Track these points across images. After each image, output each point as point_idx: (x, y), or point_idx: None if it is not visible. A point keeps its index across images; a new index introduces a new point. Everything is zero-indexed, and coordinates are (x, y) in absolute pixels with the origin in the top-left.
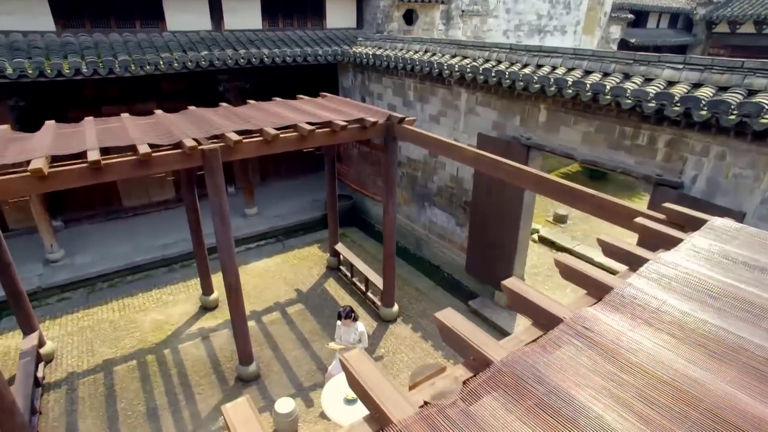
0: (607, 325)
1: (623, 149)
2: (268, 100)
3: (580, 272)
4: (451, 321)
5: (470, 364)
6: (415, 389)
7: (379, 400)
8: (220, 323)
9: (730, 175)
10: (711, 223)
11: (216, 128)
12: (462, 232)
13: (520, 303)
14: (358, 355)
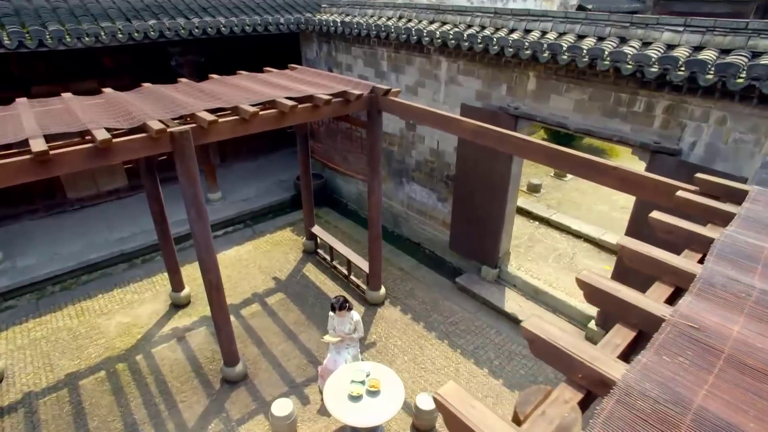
0: (716, 323)
1: (619, 117)
2: (232, 75)
3: (650, 257)
4: (546, 332)
5: (577, 383)
6: (526, 423)
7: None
8: (195, 321)
9: (730, 140)
10: (755, 193)
11: (183, 107)
12: (444, 207)
13: (601, 299)
14: (455, 391)
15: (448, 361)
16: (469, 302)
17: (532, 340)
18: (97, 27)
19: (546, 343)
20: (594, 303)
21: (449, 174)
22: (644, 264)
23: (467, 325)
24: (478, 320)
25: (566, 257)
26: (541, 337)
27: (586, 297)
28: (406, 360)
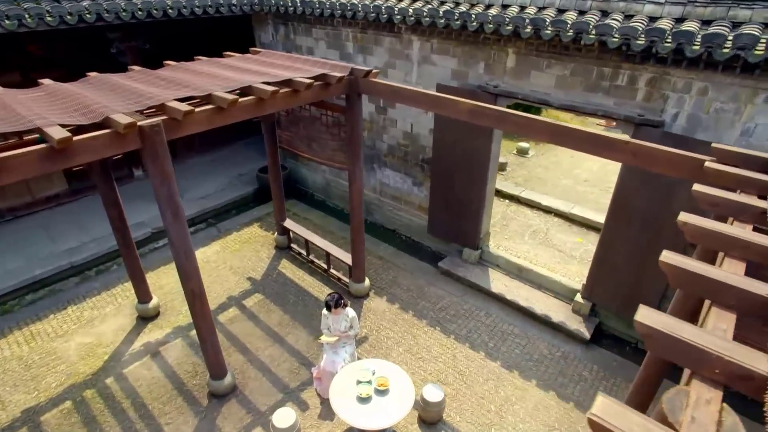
0: None
1: (601, 91)
2: (188, 61)
3: (716, 232)
4: (667, 326)
5: (714, 379)
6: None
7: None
8: (168, 333)
9: (711, 110)
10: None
11: (148, 97)
12: (420, 191)
13: (689, 281)
14: (610, 407)
15: (444, 348)
16: (454, 286)
17: (650, 336)
18: (19, 8)
19: (668, 337)
20: (680, 286)
21: (425, 157)
22: (708, 239)
23: (456, 310)
24: (466, 303)
25: (541, 233)
26: (662, 331)
27: (672, 280)
28: (401, 351)
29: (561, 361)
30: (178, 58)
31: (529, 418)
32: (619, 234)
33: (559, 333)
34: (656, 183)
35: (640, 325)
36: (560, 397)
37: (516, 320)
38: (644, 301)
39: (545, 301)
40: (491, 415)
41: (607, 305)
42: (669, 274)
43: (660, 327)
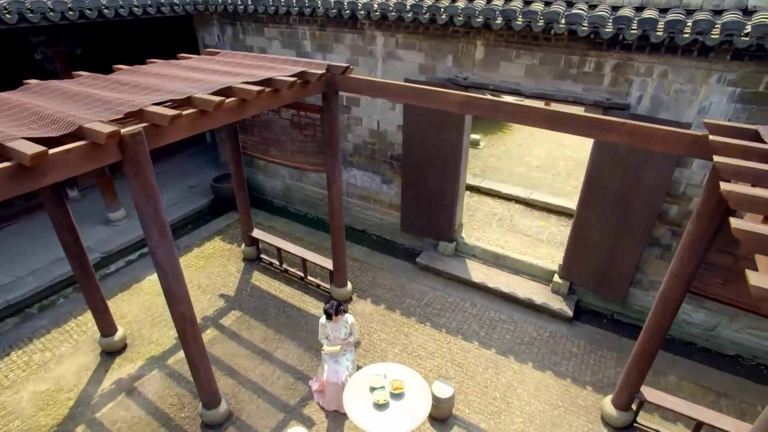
0: None
1: (570, 78)
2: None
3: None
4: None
5: None
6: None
7: None
8: (143, 366)
9: (672, 91)
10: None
11: (117, 104)
12: (390, 189)
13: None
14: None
15: (438, 343)
16: (435, 280)
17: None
18: None
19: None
20: (754, 250)
21: (393, 154)
22: (754, 204)
23: (441, 303)
24: (450, 296)
25: (506, 220)
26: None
27: (745, 245)
28: (396, 352)
29: (550, 341)
30: (112, 63)
31: (533, 400)
32: (593, 214)
33: (543, 314)
34: (626, 164)
35: (757, 289)
36: (557, 375)
37: (500, 307)
38: (618, 277)
39: (525, 284)
40: (497, 402)
41: (584, 283)
42: (742, 239)
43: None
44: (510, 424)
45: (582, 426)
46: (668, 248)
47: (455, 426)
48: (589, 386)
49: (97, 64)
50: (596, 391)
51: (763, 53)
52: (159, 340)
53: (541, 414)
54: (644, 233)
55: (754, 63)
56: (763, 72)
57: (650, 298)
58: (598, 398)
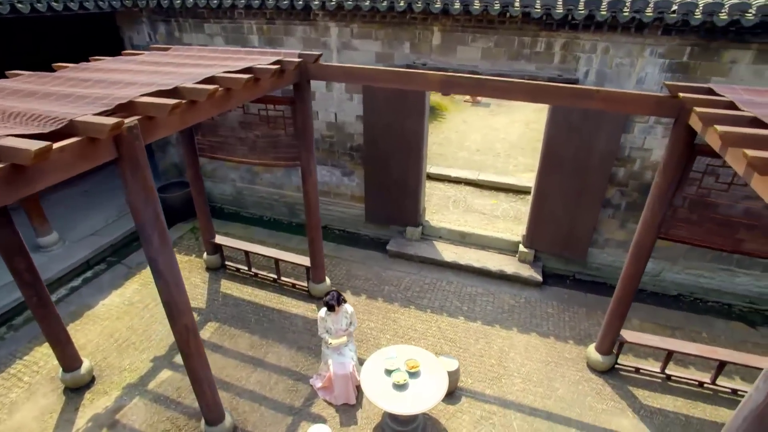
0: None
1: (524, 58)
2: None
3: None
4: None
5: None
6: None
7: None
8: (120, 395)
9: (614, 65)
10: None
11: (94, 98)
12: (351, 181)
13: None
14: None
15: (426, 323)
16: (408, 265)
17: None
18: None
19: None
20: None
21: (353, 145)
22: (743, 141)
23: (420, 286)
24: (426, 278)
25: (461, 202)
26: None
27: (760, 169)
28: (389, 337)
29: (527, 306)
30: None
31: (526, 360)
32: (551, 183)
33: (516, 283)
34: (579, 133)
35: (754, 159)
36: (541, 335)
37: (475, 281)
38: (579, 240)
39: (494, 258)
40: (495, 368)
41: (547, 249)
42: (757, 165)
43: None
44: (511, 385)
45: (573, 375)
46: (618, 207)
47: (463, 397)
48: (570, 340)
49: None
50: (577, 344)
51: (686, 28)
52: (132, 366)
53: (536, 372)
54: (599, 196)
55: (679, 37)
56: (685, 44)
57: (606, 255)
58: (580, 349)
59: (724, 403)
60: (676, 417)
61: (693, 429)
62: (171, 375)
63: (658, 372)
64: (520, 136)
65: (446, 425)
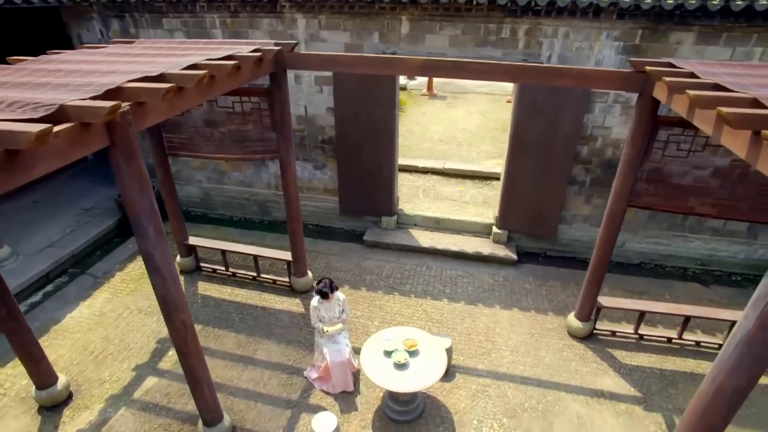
0: None
1: (490, 45)
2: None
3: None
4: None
5: None
6: None
7: None
8: (104, 408)
9: (574, 49)
10: (674, 61)
11: (77, 85)
12: (323, 174)
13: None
14: None
15: (412, 307)
16: (386, 254)
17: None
18: None
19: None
20: (742, 125)
21: (324, 138)
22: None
23: (401, 273)
24: (406, 265)
25: (430, 190)
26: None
27: (735, 124)
28: (377, 324)
29: (506, 284)
30: None
31: (511, 334)
32: (520, 165)
33: (493, 263)
34: (545, 115)
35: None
36: (522, 310)
37: (454, 264)
38: (549, 217)
39: (469, 241)
40: (484, 344)
41: (519, 229)
42: (732, 119)
43: None
44: (501, 358)
45: (557, 343)
46: (583, 184)
47: (457, 373)
48: (550, 312)
49: None
50: (557, 314)
51: (637, 12)
52: (114, 377)
53: (522, 344)
54: (565, 174)
55: (632, 21)
56: (637, 27)
57: (574, 231)
58: (560, 319)
59: (690, 355)
60: (651, 371)
61: (667, 380)
62: (157, 382)
63: (632, 333)
64: (479, 126)
65: (444, 402)
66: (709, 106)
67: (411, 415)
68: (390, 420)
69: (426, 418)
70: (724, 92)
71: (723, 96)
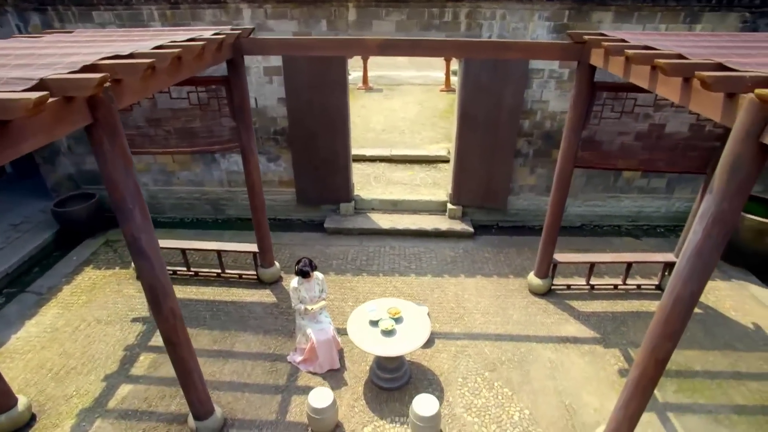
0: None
1: (434, 28)
2: None
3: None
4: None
5: None
6: None
7: None
8: (76, 424)
9: (511, 29)
10: (605, 31)
11: (48, 63)
12: (278, 166)
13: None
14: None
15: (382, 285)
16: (348, 239)
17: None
18: None
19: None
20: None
21: (277, 129)
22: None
23: (366, 255)
24: (369, 247)
25: (381, 176)
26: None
27: (714, 86)
28: (351, 305)
29: (467, 255)
30: None
31: (480, 299)
32: (469, 143)
33: (451, 237)
34: (489, 92)
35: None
36: (485, 276)
37: (415, 242)
38: (498, 190)
39: (427, 219)
40: (456, 310)
41: (472, 203)
42: (667, 68)
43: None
44: (474, 321)
45: (521, 301)
46: (527, 156)
47: (435, 339)
48: (510, 275)
49: None
50: (517, 277)
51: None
52: (82, 390)
53: (491, 306)
54: (511, 148)
55: (559, 2)
56: (564, 8)
57: (522, 201)
58: (521, 281)
59: (634, 297)
60: (605, 315)
61: (618, 320)
62: (132, 388)
63: (584, 285)
64: (417, 114)
65: (429, 366)
66: (645, 61)
67: (400, 382)
68: (380, 389)
69: (414, 382)
70: (654, 50)
71: (655, 52)
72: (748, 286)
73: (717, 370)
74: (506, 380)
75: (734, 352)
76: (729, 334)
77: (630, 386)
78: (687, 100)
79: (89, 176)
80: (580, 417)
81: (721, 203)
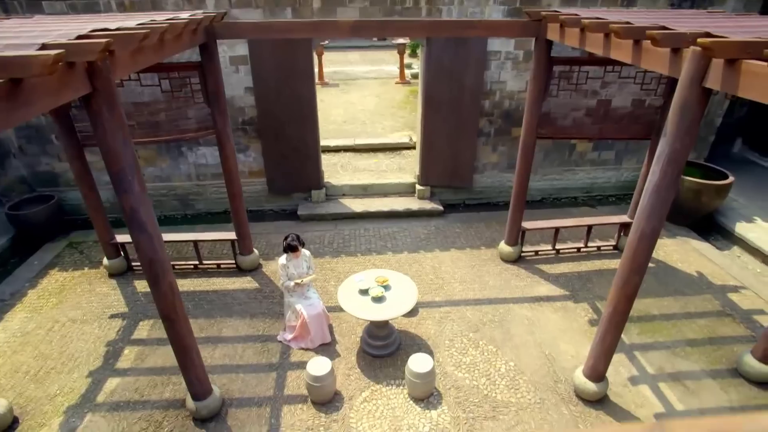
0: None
1: (397, 14)
2: None
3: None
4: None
5: None
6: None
7: None
8: (65, 421)
9: (468, 14)
10: (559, 9)
11: (34, 35)
12: (247, 157)
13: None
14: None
15: (362, 264)
16: (323, 224)
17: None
18: None
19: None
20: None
21: (245, 119)
22: (599, 26)
23: (342, 238)
24: (344, 231)
25: (348, 165)
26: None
27: (712, 52)
28: (333, 284)
29: (439, 232)
30: None
31: (456, 269)
32: (434, 125)
33: (422, 216)
34: (451, 75)
35: (619, 28)
36: (459, 249)
37: (388, 223)
38: (464, 169)
39: (398, 201)
40: (435, 281)
41: (440, 183)
42: (621, 31)
43: None
44: (454, 289)
45: (495, 269)
46: (489, 135)
47: (419, 309)
48: (482, 247)
49: None
50: (488, 248)
51: None
52: (66, 388)
53: (467, 275)
54: (474, 128)
55: None
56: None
57: (486, 178)
58: (492, 251)
59: (595, 258)
60: (571, 275)
61: (584, 279)
62: (121, 381)
63: (550, 250)
64: (376, 105)
65: (416, 332)
66: (601, 29)
67: (390, 348)
68: (373, 357)
69: (404, 348)
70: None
71: (608, 21)
72: (690, 241)
73: (671, 313)
74: (490, 338)
75: (683, 297)
76: (678, 282)
77: (604, 322)
78: (638, 59)
79: (45, 178)
80: (560, 363)
81: (674, 143)
